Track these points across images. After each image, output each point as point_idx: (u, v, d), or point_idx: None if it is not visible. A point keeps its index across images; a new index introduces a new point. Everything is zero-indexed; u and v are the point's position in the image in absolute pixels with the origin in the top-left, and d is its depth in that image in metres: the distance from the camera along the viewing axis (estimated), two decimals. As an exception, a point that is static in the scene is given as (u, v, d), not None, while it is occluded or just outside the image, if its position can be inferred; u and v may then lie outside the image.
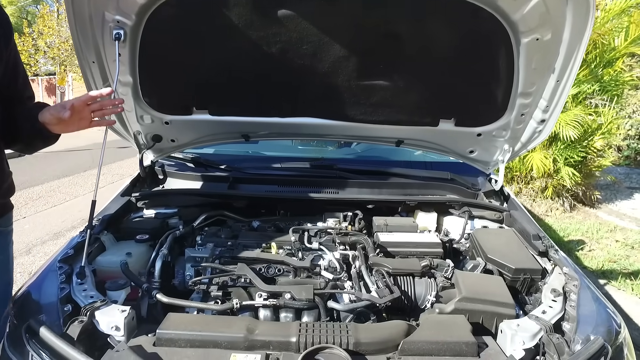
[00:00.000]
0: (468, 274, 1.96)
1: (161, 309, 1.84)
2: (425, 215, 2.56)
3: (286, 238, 2.14)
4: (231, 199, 2.47)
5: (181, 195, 2.50)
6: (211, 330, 1.54)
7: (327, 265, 2.04)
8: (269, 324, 1.61)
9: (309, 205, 2.52)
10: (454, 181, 2.76)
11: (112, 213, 2.30)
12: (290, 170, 2.70)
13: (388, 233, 2.30)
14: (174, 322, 1.58)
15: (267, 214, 2.67)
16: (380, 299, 1.73)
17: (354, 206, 2.52)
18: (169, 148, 2.77)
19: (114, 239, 2.21)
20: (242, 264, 1.92)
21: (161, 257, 2.01)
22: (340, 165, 2.75)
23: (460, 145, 2.64)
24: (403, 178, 2.74)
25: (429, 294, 1.85)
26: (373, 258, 1.99)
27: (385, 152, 3.20)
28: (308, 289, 1.78)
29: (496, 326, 1.73)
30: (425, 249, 2.16)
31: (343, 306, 1.74)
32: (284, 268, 1.96)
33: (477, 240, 2.24)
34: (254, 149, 3.22)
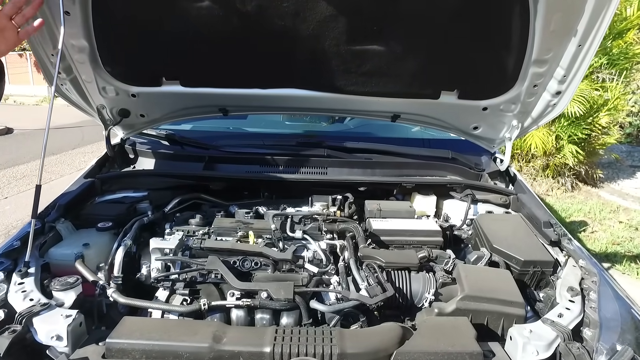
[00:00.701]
0: (471, 268, 1.73)
1: (122, 311, 1.61)
2: (423, 198, 2.31)
3: (266, 226, 1.89)
4: (206, 180, 2.20)
5: (151, 176, 2.24)
6: (172, 338, 1.31)
7: (311, 257, 1.80)
8: (240, 330, 1.38)
9: (293, 187, 2.26)
10: (456, 161, 2.50)
11: (71, 197, 2.04)
12: (274, 148, 2.43)
13: (381, 219, 2.05)
14: (128, 328, 1.35)
15: (250, 197, 2.43)
16: (371, 298, 1.50)
17: (344, 188, 2.27)
18: (139, 124, 2.49)
19: (72, 228, 1.96)
20: (213, 257, 1.67)
21: (123, 248, 1.76)
22: (330, 143, 2.49)
23: (463, 120, 2.37)
24: (399, 157, 2.47)
25: (427, 291, 1.62)
26: (363, 249, 1.75)
27: (380, 129, 2.92)
28: (287, 286, 1.55)
29: (503, 328, 1.52)
30: (423, 238, 1.92)
31: (327, 307, 1.50)
32: (261, 261, 1.72)
33: (480, 228, 2.00)
34: (236, 125, 2.94)
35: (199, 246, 1.77)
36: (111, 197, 2.22)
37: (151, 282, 1.66)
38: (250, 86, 2.16)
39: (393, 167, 2.41)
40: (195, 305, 1.49)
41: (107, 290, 1.55)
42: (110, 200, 2.19)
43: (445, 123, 2.41)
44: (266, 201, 2.35)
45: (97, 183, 2.20)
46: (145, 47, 2.03)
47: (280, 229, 1.89)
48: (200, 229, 1.90)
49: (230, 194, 2.36)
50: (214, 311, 1.53)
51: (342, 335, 1.34)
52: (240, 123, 3.00)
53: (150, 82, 2.18)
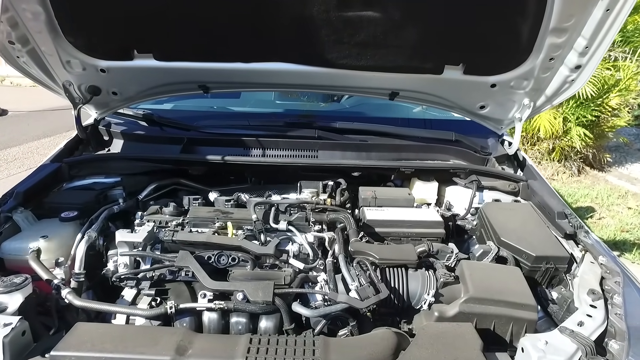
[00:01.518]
0: (477, 265, 1.53)
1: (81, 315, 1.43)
2: (423, 185, 2.10)
3: (247, 215, 1.69)
4: (184, 164, 2.00)
5: (124, 160, 2.03)
6: (128, 349, 1.13)
7: (297, 252, 1.61)
8: (209, 339, 1.19)
9: (280, 172, 2.06)
10: (459, 143, 2.28)
11: (32, 184, 1.84)
12: (260, 129, 2.21)
13: (376, 208, 1.85)
14: (79, 338, 1.17)
15: (237, 183, 2.22)
16: (362, 301, 1.31)
17: (336, 173, 2.06)
18: (113, 103, 2.27)
19: (32, 218, 1.76)
20: (184, 252, 1.48)
21: (86, 241, 1.57)
22: (321, 123, 2.26)
23: (468, 98, 2.14)
24: (397, 139, 2.25)
25: (426, 291, 1.43)
26: (355, 244, 1.55)
27: (377, 109, 2.69)
28: (266, 287, 1.36)
29: (512, 333, 1.33)
30: (422, 230, 1.73)
31: (311, 312, 1.31)
32: (240, 256, 1.52)
33: (487, 218, 1.80)
34: (221, 104, 2.71)
35: (171, 239, 1.57)
36: (80, 183, 2.01)
37: (112, 280, 1.47)
38: (231, 60, 1.93)
39: (390, 150, 2.20)
40: (161, 309, 1.30)
41: (62, 291, 1.36)
42: (79, 186, 1.99)
43: (449, 102, 2.18)
44: (251, 188, 2.15)
45: (64, 168, 2.00)
46: (111, 14, 1.79)
47: (262, 220, 1.69)
48: (174, 219, 1.70)
49: (214, 180, 2.15)
50: (183, 314, 1.34)
51: (327, 346, 1.15)
52: (225, 102, 2.76)
53: (120, 55, 1.95)
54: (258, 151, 2.16)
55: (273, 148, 2.16)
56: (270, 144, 2.15)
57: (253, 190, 2.05)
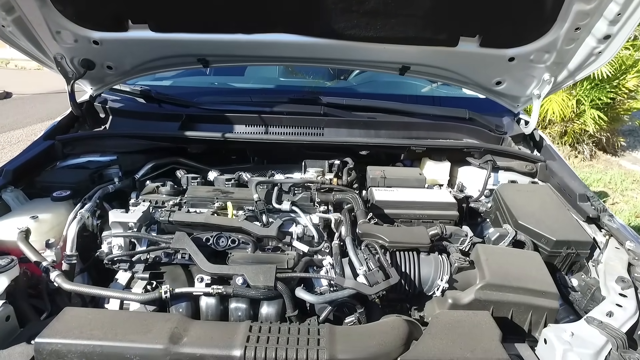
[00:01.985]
0: (493, 249, 1.43)
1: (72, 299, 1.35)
2: (435, 165, 1.99)
3: (249, 195, 1.59)
4: (182, 142, 1.90)
5: (119, 137, 1.93)
6: (118, 337, 1.05)
7: (301, 234, 1.52)
8: (205, 327, 1.11)
9: (284, 150, 1.95)
10: (473, 121, 2.16)
11: (23, 162, 1.75)
12: (263, 105, 2.09)
13: (386, 189, 1.75)
14: (66, 324, 1.09)
15: (238, 163, 2.13)
16: (371, 287, 1.22)
17: (343, 152, 1.95)
18: (109, 78, 2.16)
19: (24, 197, 1.68)
20: (181, 233, 1.39)
21: (78, 221, 1.49)
22: (327, 99, 2.14)
23: (484, 73, 2.01)
24: (408, 116, 2.13)
25: (440, 277, 1.33)
26: (363, 225, 1.45)
27: (386, 86, 2.56)
28: (268, 270, 1.27)
29: (531, 322, 1.24)
30: (434, 212, 1.63)
31: (316, 298, 1.23)
32: (240, 238, 1.43)
33: (502, 200, 1.69)
34: (223, 81, 2.58)
35: (167, 219, 1.48)
36: (74, 161, 1.92)
37: (104, 263, 1.39)
38: (232, 31, 1.80)
39: (400, 127, 2.08)
40: (155, 293, 1.21)
41: (51, 274, 1.28)
42: (73, 165, 1.90)
43: (463, 77, 2.05)
44: (253, 167, 2.05)
45: (58, 146, 1.91)
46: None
47: (264, 200, 1.60)
48: (171, 199, 1.61)
49: (215, 159, 2.05)
50: (179, 299, 1.26)
51: (333, 334, 1.07)
52: (227, 79, 2.65)
53: (114, 26, 1.83)
54: (260, 128, 2.05)
55: (276, 125, 2.05)
56: (274, 121, 2.04)
57: (255, 170, 1.96)
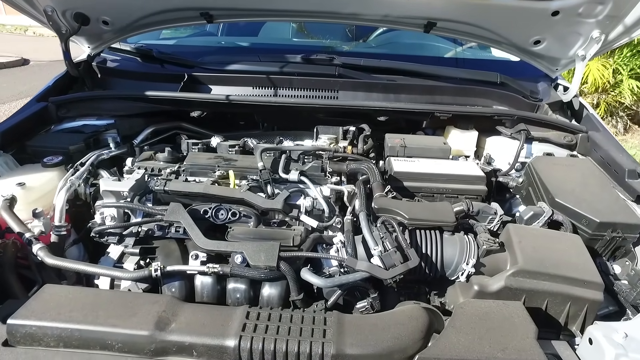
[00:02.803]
0: (527, 230, 1.25)
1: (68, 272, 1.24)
2: (460, 133, 1.79)
3: (253, 163, 1.44)
4: (182, 104, 1.74)
5: (116, 100, 1.78)
6: (99, 319, 0.93)
7: (310, 207, 1.37)
8: (198, 310, 0.98)
9: (294, 115, 1.78)
10: (505, 87, 1.93)
11: (13, 124, 1.62)
12: (271, 65, 1.90)
13: (406, 159, 1.57)
14: (44, 304, 0.98)
15: (246, 128, 1.97)
16: (386, 270, 1.07)
17: (359, 118, 1.77)
18: (106, 35, 1.99)
19: (14, 162, 1.57)
20: (176, 205, 1.26)
21: (67, 190, 1.37)
22: (343, 59, 1.93)
23: (521, 31, 1.77)
24: (432, 79, 1.92)
25: (465, 260, 1.17)
26: (380, 199, 1.29)
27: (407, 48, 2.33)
28: (270, 249, 1.13)
29: (568, 315, 1.08)
30: (460, 186, 1.45)
31: (323, 281, 1.08)
32: (241, 211, 1.29)
33: (537, 175, 1.50)
34: (232, 41, 2.38)
35: (162, 189, 1.35)
36: (69, 125, 1.79)
37: (91, 235, 1.27)
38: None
39: (423, 92, 1.87)
40: (144, 271, 1.09)
41: (33, 246, 1.16)
42: (68, 129, 1.77)
43: (496, 35, 1.81)
44: (262, 134, 1.89)
45: (51, 108, 1.77)
46: None
47: (270, 169, 1.44)
48: (169, 167, 1.47)
49: (221, 124, 1.90)
50: (172, 278, 1.14)
51: (341, 325, 0.93)
52: (238, 39, 2.45)
53: (107, -27, 1.65)
54: (269, 90, 1.87)
55: (286, 87, 1.87)
56: (283, 82, 1.85)
57: (264, 137, 1.80)
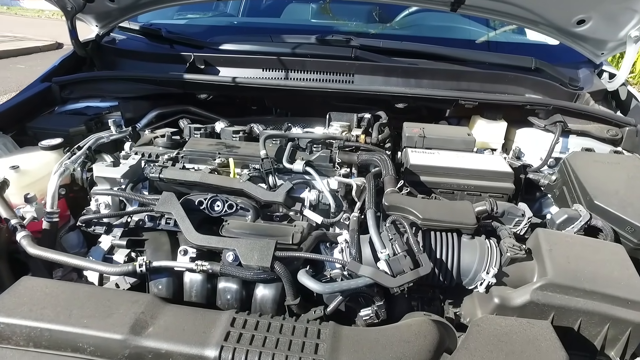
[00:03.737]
0: (559, 237, 1.09)
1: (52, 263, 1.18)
2: (487, 124, 1.63)
3: (257, 151, 1.33)
4: (186, 87, 1.64)
5: (118, 81, 1.70)
6: (72, 319, 0.85)
7: (315, 201, 1.25)
8: (180, 313, 0.89)
9: (306, 100, 1.65)
10: (541, 73, 1.74)
11: (13, 105, 1.57)
12: (284, 46, 1.77)
13: (424, 151, 1.42)
14: (19, 297, 0.91)
15: (259, 114, 1.87)
16: (394, 278, 0.94)
17: (377, 104, 1.63)
18: (114, 13, 1.90)
19: (13, 144, 1.52)
20: (168, 194, 1.16)
21: (60, 174, 1.29)
22: (360, 41, 1.78)
23: (562, 9, 1.57)
24: (458, 63, 1.74)
25: (485, 269, 1.03)
26: (391, 196, 1.15)
27: (435, 30, 2.15)
28: (265, 247, 1.02)
29: (606, 338, 0.93)
30: (484, 182, 1.30)
31: (322, 286, 0.97)
32: (239, 203, 1.19)
33: (574, 172, 1.32)
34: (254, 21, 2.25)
35: (157, 176, 1.26)
36: (73, 107, 1.73)
37: (77, 225, 1.20)
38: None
39: (447, 77, 1.70)
40: (128, 266, 1.00)
41: (17, 233, 1.10)
42: (70, 111, 1.71)
43: (533, 14, 1.62)
44: (273, 119, 1.78)
45: (55, 88, 1.71)
46: None
47: (274, 157, 1.33)
48: (167, 152, 1.38)
49: (231, 109, 1.80)
50: (159, 274, 1.05)
51: (337, 340, 0.82)
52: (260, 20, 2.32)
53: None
54: (279, 73, 1.75)
55: (298, 70, 1.74)
56: (295, 65, 1.73)
57: (274, 123, 1.69)
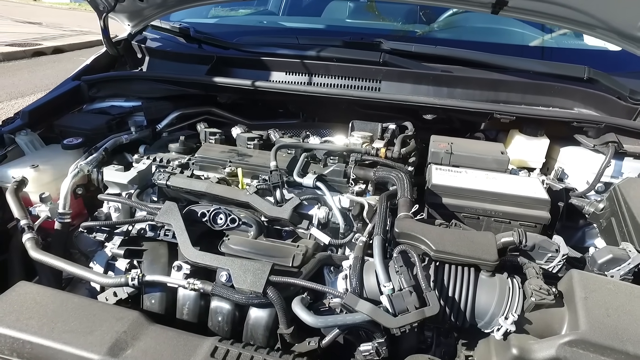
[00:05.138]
0: (599, 282, 0.94)
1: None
2: (527, 141, 1.46)
3: (268, 161, 1.26)
4: (206, 88, 1.61)
5: (142, 81, 1.70)
6: (53, 333, 0.83)
7: (324, 219, 1.17)
8: (161, 336, 0.84)
9: (330, 106, 1.57)
10: (595, 84, 1.54)
11: (42, 103, 1.61)
12: (309, 48, 1.69)
13: (450, 169, 1.29)
14: (10, 304, 0.91)
15: (285, 117, 1.81)
16: (394, 317, 0.84)
17: (404, 114, 1.51)
18: (146, 12, 1.91)
19: (39, 142, 1.55)
20: (170, 204, 1.12)
21: (74, 176, 1.30)
22: (390, 44, 1.66)
23: (625, 10, 1.37)
24: (497, 71, 1.58)
25: (504, 313, 0.90)
26: (403, 222, 1.04)
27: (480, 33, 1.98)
28: (260, 270, 0.95)
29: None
30: (515, 209, 1.15)
31: (315, 319, 0.88)
32: (242, 217, 1.13)
33: (625, 202, 1.15)
34: (296, 21, 2.19)
35: (165, 183, 1.22)
36: (99, 105, 1.75)
37: (80, 230, 1.19)
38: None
39: (484, 86, 1.55)
40: (120, 278, 0.97)
41: (24, 235, 1.10)
42: (95, 110, 1.73)
43: (589, 16, 1.42)
44: (298, 124, 1.72)
45: (84, 87, 1.74)
46: None
47: (286, 169, 1.26)
48: (179, 158, 1.35)
49: (256, 111, 1.75)
50: (153, 287, 1.02)
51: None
52: (302, 19, 2.27)
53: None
54: (303, 77, 1.67)
55: (322, 74, 1.65)
56: (319, 69, 1.64)
57: (299, 127, 1.62)
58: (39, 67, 7.90)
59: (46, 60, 8.55)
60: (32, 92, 6.46)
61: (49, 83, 6.86)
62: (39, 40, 9.39)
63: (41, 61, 8.41)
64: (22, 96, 6.23)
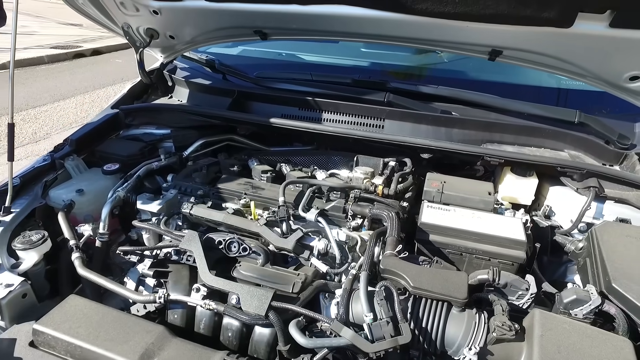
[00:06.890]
0: (557, 322, 1.07)
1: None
2: (517, 180, 1.59)
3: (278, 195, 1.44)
4: (227, 121, 1.81)
5: (170, 111, 1.91)
6: (97, 340, 1.04)
7: (323, 250, 1.34)
8: (182, 348, 1.04)
9: (338, 141, 1.74)
10: (584, 128, 1.65)
11: (86, 131, 1.84)
12: (320, 86, 1.87)
13: (440, 207, 1.44)
14: (62, 315, 1.11)
15: (301, 143, 1.98)
16: (371, 344, 1.01)
17: (404, 150, 1.66)
18: (178, 47, 2.13)
19: (83, 166, 1.78)
20: (192, 233, 1.32)
21: (111, 202, 1.51)
22: (395, 84, 1.82)
23: (612, 65, 1.47)
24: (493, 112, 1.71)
25: (468, 344, 1.05)
26: (387, 259, 1.19)
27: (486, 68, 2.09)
28: (263, 296, 1.13)
29: None
30: (494, 248, 1.29)
31: (307, 341, 1.05)
32: (252, 246, 1.31)
33: (599, 246, 1.26)
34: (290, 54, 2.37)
35: (189, 212, 1.42)
36: (133, 132, 1.98)
37: (117, 252, 1.40)
38: (285, 1, 1.58)
39: (479, 127, 1.68)
40: (149, 296, 1.18)
41: (73, 254, 1.32)
42: (130, 136, 1.95)
43: (578, 68, 1.53)
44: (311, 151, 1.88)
45: (121, 115, 1.97)
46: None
47: (293, 203, 1.43)
48: (200, 189, 1.55)
49: (275, 138, 1.93)
50: (176, 304, 1.21)
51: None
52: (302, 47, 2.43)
53: (171, -6, 1.75)
54: (314, 114, 1.85)
55: (332, 111, 1.82)
56: (329, 107, 1.81)
57: (312, 155, 1.80)
58: (79, 69, 8.38)
59: (85, 62, 9.05)
60: (73, 94, 6.91)
61: (87, 85, 7.32)
62: (79, 42, 9.93)
63: (81, 63, 8.91)
64: (64, 99, 6.68)
